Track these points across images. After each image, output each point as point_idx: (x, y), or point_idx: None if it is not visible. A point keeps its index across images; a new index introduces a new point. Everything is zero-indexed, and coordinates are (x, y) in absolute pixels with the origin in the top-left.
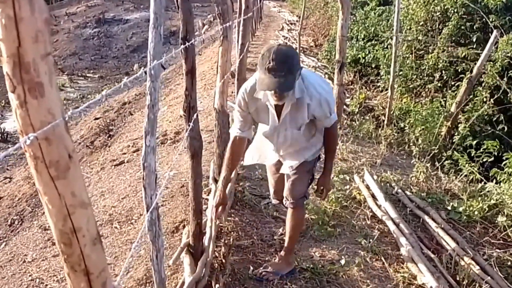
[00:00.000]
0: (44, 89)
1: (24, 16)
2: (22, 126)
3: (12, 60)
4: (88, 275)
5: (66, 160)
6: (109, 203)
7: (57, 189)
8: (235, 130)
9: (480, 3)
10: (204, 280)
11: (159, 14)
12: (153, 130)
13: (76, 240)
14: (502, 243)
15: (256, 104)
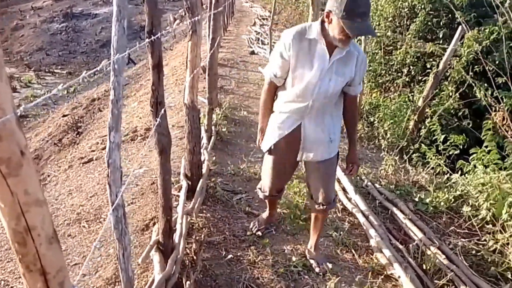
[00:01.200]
0: None
1: None
2: None
3: None
4: (45, 275)
5: (18, 157)
6: (77, 202)
7: (9, 187)
8: (271, 73)
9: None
10: (174, 277)
11: (123, 6)
12: (117, 126)
13: (31, 239)
14: (467, 232)
15: (301, 47)
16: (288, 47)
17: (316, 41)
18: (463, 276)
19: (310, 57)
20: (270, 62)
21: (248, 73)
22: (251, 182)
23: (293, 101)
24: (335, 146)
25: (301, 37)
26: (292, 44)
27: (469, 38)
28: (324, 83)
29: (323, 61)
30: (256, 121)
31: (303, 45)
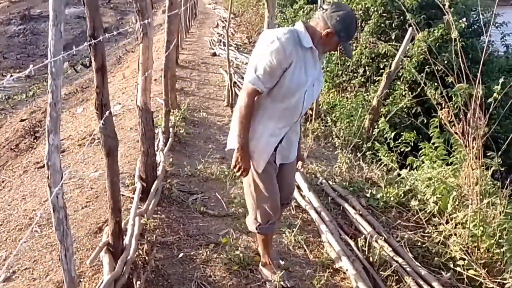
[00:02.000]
0: None
1: None
2: None
3: None
4: None
5: None
6: (30, 207)
7: None
8: (258, 81)
9: (397, 2)
10: (124, 278)
11: (59, 11)
12: (56, 128)
13: None
14: (415, 225)
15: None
16: (289, 55)
17: (310, 49)
18: (407, 267)
19: (304, 66)
20: (261, 68)
21: (209, 74)
22: (207, 182)
23: (284, 114)
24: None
25: (296, 45)
26: (292, 52)
27: (419, 39)
28: (312, 90)
29: (314, 69)
30: (215, 122)
31: (299, 54)
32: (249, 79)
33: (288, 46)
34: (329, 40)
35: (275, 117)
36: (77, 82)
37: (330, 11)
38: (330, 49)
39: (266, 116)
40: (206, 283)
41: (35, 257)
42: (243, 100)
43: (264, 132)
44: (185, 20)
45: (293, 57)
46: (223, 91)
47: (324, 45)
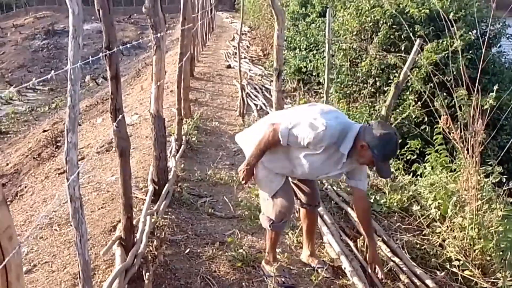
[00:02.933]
0: None
1: None
2: None
3: None
4: None
5: None
6: (51, 208)
7: None
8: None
9: (406, 14)
10: (134, 268)
11: (78, 26)
12: (74, 128)
13: None
14: (416, 229)
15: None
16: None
17: (341, 154)
18: (404, 266)
19: (328, 158)
20: (294, 132)
21: (223, 86)
22: (216, 187)
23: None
24: None
25: (333, 143)
26: (325, 146)
27: (428, 50)
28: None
29: (335, 167)
30: (227, 130)
31: (330, 150)
32: (283, 128)
33: (326, 139)
34: (364, 152)
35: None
36: (97, 94)
37: (374, 126)
38: (364, 161)
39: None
40: (211, 278)
41: (54, 252)
42: (267, 136)
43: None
44: (202, 34)
45: (323, 149)
46: (236, 101)
47: (359, 156)
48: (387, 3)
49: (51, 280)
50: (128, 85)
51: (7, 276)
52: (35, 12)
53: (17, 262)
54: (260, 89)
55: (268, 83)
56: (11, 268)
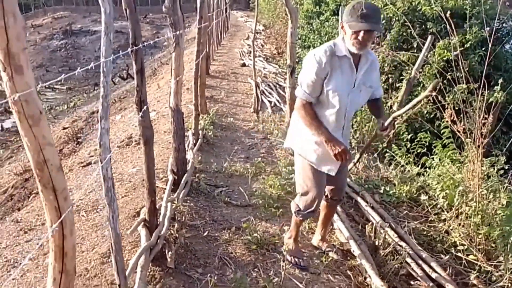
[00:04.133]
0: (23, 70)
1: (10, 25)
2: (11, 93)
3: (4, 52)
4: (55, 191)
5: (38, 114)
6: (77, 197)
7: (33, 133)
8: (305, 94)
9: (418, 12)
10: (158, 247)
11: (109, 23)
12: (106, 115)
13: (46, 167)
14: (424, 218)
15: (333, 64)
16: (324, 65)
17: (345, 57)
18: (410, 250)
19: (341, 72)
20: (304, 83)
21: (238, 83)
22: (232, 178)
23: (328, 114)
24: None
25: (332, 55)
26: (326, 62)
27: (440, 47)
28: (355, 95)
29: (351, 75)
30: (242, 126)
31: (334, 62)
32: (298, 94)
33: (323, 59)
34: (346, 33)
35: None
36: (115, 93)
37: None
38: (355, 42)
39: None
40: (228, 258)
41: (83, 235)
42: (299, 112)
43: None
44: (217, 33)
45: (328, 68)
46: (250, 99)
47: (347, 40)
48: (399, 0)
49: (82, 259)
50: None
51: (63, 230)
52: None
53: (71, 218)
54: (274, 86)
55: (282, 80)
56: (66, 223)
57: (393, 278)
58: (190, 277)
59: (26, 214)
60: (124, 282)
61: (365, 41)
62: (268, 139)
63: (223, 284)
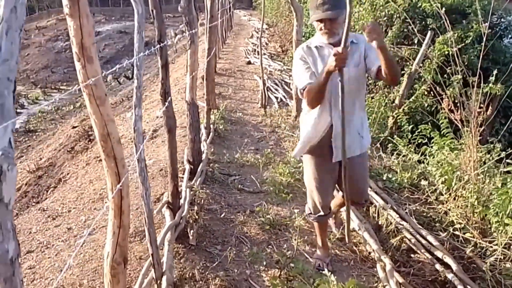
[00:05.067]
0: (93, 60)
1: (84, 24)
2: (83, 79)
3: (79, 45)
4: (115, 159)
5: (104, 96)
6: (98, 187)
7: (100, 111)
8: (306, 80)
9: (419, 8)
10: (181, 226)
11: (141, 23)
12: (139, 103)
13: (109, 139)
14: (425, 201)
15: (311, 55)
16: (305, 59)
17: (321, 46)
18: (410, 228)
19: (321, 60)
20: (299, 75)
21: (244, 81)
22: (243, 168)
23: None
24: (365, 142)
25: (309, 48)
26: (305, 55)
27: (440, 42)
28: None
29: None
30: (250, 120)
31: (312, 53)
32: (299, 86)
33: (301, 52)
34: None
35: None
36: (121, 93)
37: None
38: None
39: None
40: (244, 237)
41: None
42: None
43: (308, 123)
44: (221, 32)
45: (309, 58)
46: (257, 95)
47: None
48: None
49: None
50: (151, 83)
51: (121, 192)
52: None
53: (127, 183)
54: (280, 83)
55: (287, 77)
56: (124, 186)
57: (394, 252)
58: (210, 253)
59: (51, 203)
60: (156, 251)
61: (330, 30)
62: (276, 132)
63: (240, 259)
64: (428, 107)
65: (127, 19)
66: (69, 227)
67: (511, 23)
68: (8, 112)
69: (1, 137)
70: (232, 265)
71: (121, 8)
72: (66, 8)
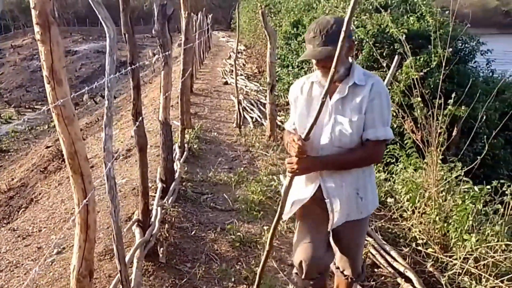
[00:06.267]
0: (63, 83)
1: (54, 50)
2: (53, 100)
3: (49, 69)
4: (82, 176)
5: (72, 116)
6: (70, 206)
7: (68, 130)
8: (289, 124)
9: (387, 34)
10: (151, 243)
11: (113, 46)
12: (110, 123)
13: (77, 157)
14: (389, 218)
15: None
16: (294, 92)
17: (314, 83)
18: (375, 244)
19: (310, 100)
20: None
21: (221, 101)
22: (216, 186)
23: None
24: (366, 205)
25: (305, 82)
26: (296, 90)
27: (407, 66)
28: (328, 126)
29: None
30: (225, 140)
31: (304, 89)
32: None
33: (294, 88)
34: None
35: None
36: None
37: None
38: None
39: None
40: (214, 254)
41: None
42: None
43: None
44: (199, 53)
45: (298, 93)
46: (233, 115)
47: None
48: (369, 23)
49: None
50: (128, 102)
51: (88, 207)
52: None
53: (93, 199)
54: (255, 103)
55: (263, 98)
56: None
57: None
58: (180, 270)
59: (22, 223)
60: (125, 268)
61: (325, 67)
62: (250, 151)
63: (209, 275)
64: (397, 128)
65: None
66: (39, 246)
67: (474, 48)
68: None
69: None
70: (201, 282)
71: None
72: (38, 35)
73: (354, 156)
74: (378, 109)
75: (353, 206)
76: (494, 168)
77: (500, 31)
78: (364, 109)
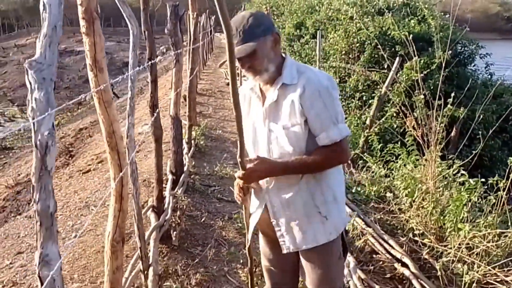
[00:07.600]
0: (103, 69)
1: (97, 41)
2: (95, 85)
3: (92, 58)
4: (118, 153)
5: (111, 100)
6: (83, 196)
7: (107, 112)
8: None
9: (388, 36)
10: (165, 227)
11: (136, 43)
12: (133, 112)
13: (114, 136)
14: (388, 211)
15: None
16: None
17: (252, 89)
18: (374, 234)
19: (247, 109)
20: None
21: (224, 101)
22: (223, 180)
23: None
24: (333, 223)
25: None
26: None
27: (407, 67)
28: (263, 136)
29: (257, 110)
30: (230, 138)
31: (246, 95)
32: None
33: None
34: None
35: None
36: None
37: None
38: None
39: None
40: (223, 240)
41: (96, 223)
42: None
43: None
44: (202, 54)
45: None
46: None
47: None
48: (372, 26)
49: (97, 240)
50: None
51: (122, 180)
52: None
53: (127, 173)
54: None
55: None
56: (124, 176)
57: (358, 254)
58: (191, 253)
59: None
60: (144, 244)
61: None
62: None
63: (219, 258)
64: (397, 128)
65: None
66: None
67: (473, 51)
68: (51, 103)
69: (47, 121)
70: (211, 263)
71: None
72: (83, 28)
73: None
74: (322, 110)
75: (317, 227)
76: (491, 169)
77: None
78: (300, 112)
